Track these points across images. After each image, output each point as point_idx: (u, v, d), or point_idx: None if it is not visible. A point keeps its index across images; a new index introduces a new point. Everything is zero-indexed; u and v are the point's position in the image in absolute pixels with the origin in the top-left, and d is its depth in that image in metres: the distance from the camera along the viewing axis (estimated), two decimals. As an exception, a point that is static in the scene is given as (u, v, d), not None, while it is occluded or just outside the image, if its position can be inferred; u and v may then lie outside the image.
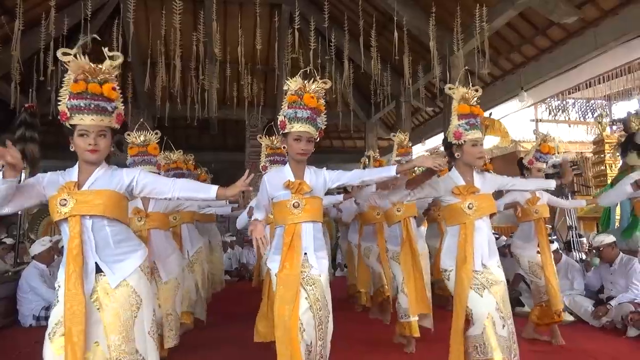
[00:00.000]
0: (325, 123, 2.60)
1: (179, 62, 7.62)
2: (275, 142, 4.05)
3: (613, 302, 4.79)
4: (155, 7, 9.14)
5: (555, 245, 5.41)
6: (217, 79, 9.05)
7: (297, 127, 2.48)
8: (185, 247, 4.49)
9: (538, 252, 4.18)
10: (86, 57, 2.16)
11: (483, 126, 2.77)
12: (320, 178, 2.62)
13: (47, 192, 2.18)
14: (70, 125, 2.16)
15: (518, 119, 12.28)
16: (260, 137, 4.18)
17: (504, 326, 2.61)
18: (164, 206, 3.63)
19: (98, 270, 2.17)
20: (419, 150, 13.45)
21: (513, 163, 10.84)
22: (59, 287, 2.15)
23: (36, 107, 2.40)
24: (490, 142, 9.31)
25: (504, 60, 8.69)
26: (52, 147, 4.36)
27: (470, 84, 2.77)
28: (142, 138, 3.61)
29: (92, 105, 2.12)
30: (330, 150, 15.24)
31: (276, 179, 2.58)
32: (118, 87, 2.24)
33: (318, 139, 2.59)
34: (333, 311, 2.54)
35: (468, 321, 2.70)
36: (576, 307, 5.13)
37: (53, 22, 6.23)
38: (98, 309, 2.14)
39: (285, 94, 2.57)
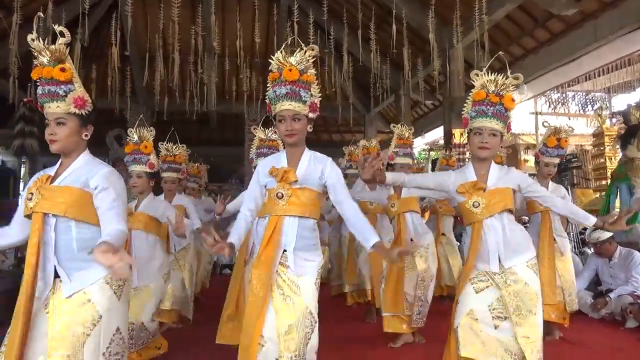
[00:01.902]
0: (319, 96, 2.32)
1: (178, 56, 7.60)
2: (269, 135, 3.90)
3: (612, 295, 4.80)
4: (153, 1, 9.10)
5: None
6: (215, 73, 9.04)
7: (279, 107, 2.24)
8: (172, 242, 4.41)
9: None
10: (47, 40, 2.01)
11: (504, 117, 2.49)
12: (318, 167, 2.32)
13: None
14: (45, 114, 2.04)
15: (517, 112, 12.28)
16: (255, 129, 4.02)
17: (496, 327, 2.42)
18: (152, 209, 3.47)
19: (57, 275, 1.95)
20: (418, 144, 13.47)
21: (513, 156, 10.82)
22: None
23: (35, 101, 2.27)
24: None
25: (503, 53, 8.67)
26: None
27: (509, 70, 2.50)
28: (136, 136, 3.49)
29: (47, 91, 1.98)
30: (330, 144, 15.23)
31: (267, 165, 2.33)
32: (70, 66, 2.04)
33: (312, 115, 2.30)
34: (323, 311, 2.31)
35: None
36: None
37: (51, 16, 6.21)
38: (48, 318, 1.91)
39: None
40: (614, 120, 9.82)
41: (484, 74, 2.54)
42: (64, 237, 1.99)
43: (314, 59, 2.33)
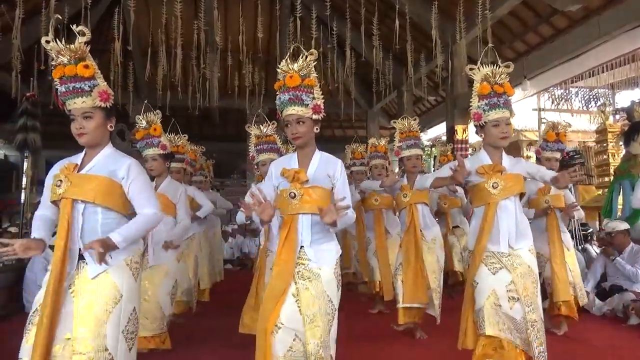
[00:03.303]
0: (322, 98, 2.44)
1: (180, 51, 7.60)
2: (265, 130, 3.94)
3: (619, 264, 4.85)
4: (156, -4, 9.09)
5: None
6: (218, 68, 9.03)
7: (284, 112, 2.38)
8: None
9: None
10: (62, 40, 2.10)
11: (510, 104, 2.68)
12: (328, 169, 2.41)
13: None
14: (68, 111, 2.15)
15: (520, 108, 12.24)
16: (249, 127, 4.08)
17: (511, 308, 2.56)
18: (172, 192, 3.60)
19: (82, 257, 2.09)
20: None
21: (515, 153, 10.81)
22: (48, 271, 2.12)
23: (37, 96, 2.33)
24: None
25: (506, 49, 8.65)
26: (55, 137, 4.34)
27: (499, 60, 2.68)
28: (145, 122, 3.59)
29: (71, 88, 2.09)
30: (332, 139, 15.22)
31: (279, 166, 2.45)
32: (92, 63, 2.15)
33: (316, 117, 2.39)
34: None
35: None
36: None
37: (53, 10, 6.20)
38: (73, 297, 2.05)
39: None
40: (617, 116, 9.80)
41: (479, 67, 2.69)
42: (90, 222, 2.13)
43: (315, 62, 2.41)
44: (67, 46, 2.09)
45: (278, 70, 2.44)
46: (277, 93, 2.43)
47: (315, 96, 2.39)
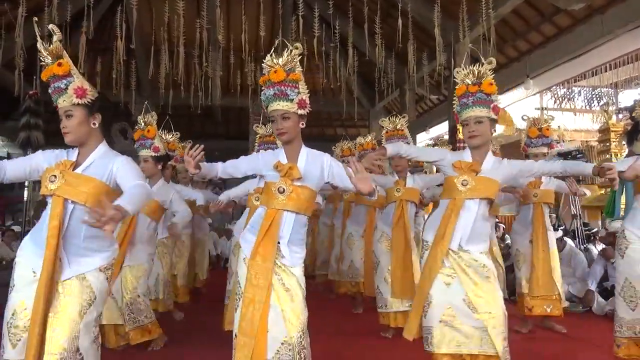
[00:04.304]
0: (307, 92, 2.39)
1: (183, 49, 7.60)
2: (269, 130, 3.98)
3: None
4: (159, -6, 9.09)
5: (560, 233, 5.37)
6: (220, 67, 9.03)
7: (270, 108, 2.35)
8: (157, 230, 4.46)
9: (531, 242, 4.07)
10: (49, 42, 2.12)
11: (487, 102, 2.57)
12: (317, 165, 2.39)
13: (48, 165, 2.13)
14: None
15: (523, 107, 12.21)
16: (257, 126, 4.12)
17: (470, 317, 2.52)
18: (162, 198, 3.62)
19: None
20: (423, 139, 13.44)
21: (517, 152, 10.82)
22: (17, 264, 2.10)
23: (40, 94, 2.35)
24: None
25: (509, 48, 8.63)
26: (58, 135, 4.33)
27: (483, 58, 2.63)
28: (143, 123, 3.65)
29: (53, 88, 2.11)
30: (334, 138, 15.20)
31: (269, 158, 2.42)
32: (67, 60, 2.12)
33: (302, 112, 2.35)
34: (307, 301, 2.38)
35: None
36: (580, 294, 5.14)
37: (56, 8, 6.21)
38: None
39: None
40: (620, 116, 9.76)
41: (463, 69, 2.65)
42: (75, 224, 2.07)
43: (300, 57, 2.39)
44: (46, 47, 2.10)
45: (263, 65, 2.41)
46: (262, 88, 2.39)
47: (300, 91, 2.35)
